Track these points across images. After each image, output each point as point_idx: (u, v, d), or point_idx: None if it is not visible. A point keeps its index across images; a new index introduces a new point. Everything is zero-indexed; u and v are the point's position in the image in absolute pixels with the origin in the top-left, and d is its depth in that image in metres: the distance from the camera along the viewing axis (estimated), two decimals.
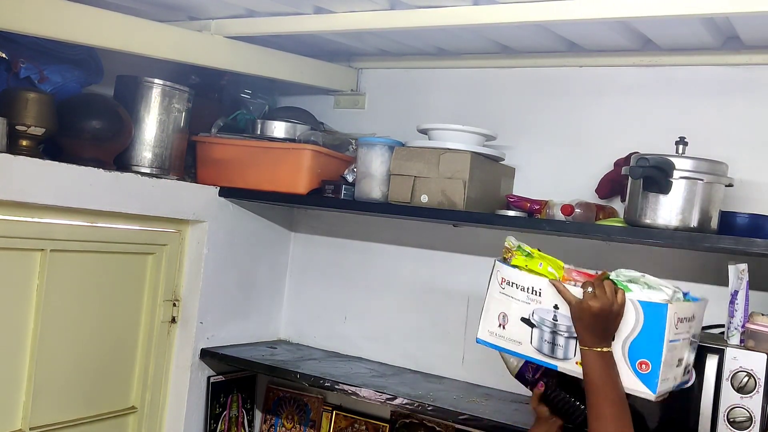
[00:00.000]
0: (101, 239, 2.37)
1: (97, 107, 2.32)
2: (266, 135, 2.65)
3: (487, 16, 2.08)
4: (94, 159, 2.27)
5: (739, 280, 1.92)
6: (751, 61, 2.23)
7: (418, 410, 2.28)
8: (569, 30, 2.31)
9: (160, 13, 2.44)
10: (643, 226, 1.99)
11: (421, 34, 2.53)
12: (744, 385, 1.83)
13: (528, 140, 2.57)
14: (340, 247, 2.94)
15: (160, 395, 2.63)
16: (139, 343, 2.55)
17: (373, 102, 2.94)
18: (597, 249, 2.41)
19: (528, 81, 2.60)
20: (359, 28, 2.32)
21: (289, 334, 3.04)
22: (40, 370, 2.22)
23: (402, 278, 2.79)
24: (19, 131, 2.09)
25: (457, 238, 2.67)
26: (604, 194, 2.37)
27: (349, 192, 2.49)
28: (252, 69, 2.61)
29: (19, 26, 2.03)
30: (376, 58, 2.89)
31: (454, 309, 2.66)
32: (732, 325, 1.92)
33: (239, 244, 2.79)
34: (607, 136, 2.43)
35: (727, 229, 2.00)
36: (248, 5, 2.33)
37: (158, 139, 2.49)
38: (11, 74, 2.24)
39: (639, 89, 2.40)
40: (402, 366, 2.75)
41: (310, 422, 2.87)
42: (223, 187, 2.66)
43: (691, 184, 1.95)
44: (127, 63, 2.47)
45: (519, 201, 2.34)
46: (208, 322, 2.69)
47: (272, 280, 2.98)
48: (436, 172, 2.30)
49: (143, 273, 2.54)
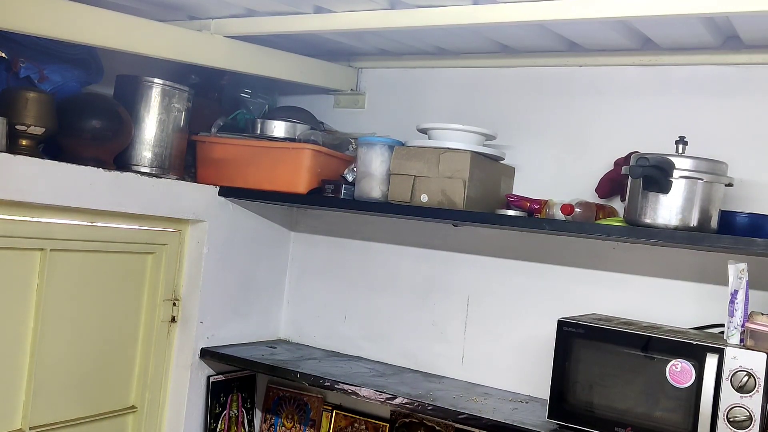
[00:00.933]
0: (101, 239, 2.37)
1: (97, 107, 2.32)
2: (266, 134, 2.65)
3: (487, 16, 2.08)
4: (94, 158, 2.27)
5: (738, 279, 1.92)
6: (750, 61, 2.23)
7: (417, 410, 2.28)
8: (569, 30, 2.31)
9: (159, 12, 2.44)
10: (643, 226, 2.00)
11: (421, 34, 2.53)
12: (744, 385, 1.83)
13: (528, 140, 2.57)
14: (340, 246, 2.94)
15: (160, 395, 2.63)
16: (138, 343, 2.55)
17: (373, 101, 2.94)
18: (597, 249, 2.41)
19: (528, 81, 2.60)
20: (359, 28, 2.32)
21: (289, 333, 3.04)
22: (39, 369, 2.22)
23: (402, 278, 2.79)
24: (18, 131, 2.09)
25: (457, 237, 2.67)
26: (604, 194, 2.37)
27: (349, 191, 2.49)
28: (252, 68, 2.61)
29: (19, 26, 2.03)
30: (375, 58, 2.89)
31: (453, 308, 2.67)
32: (732, 324, 1.92)
33: (239, 243, 2.79)
34: (607, 135, 2.43)
35: (727, 229, 2.00)
36: (248, 5, 2.33)
37: (158, 138, 2.49)
38: (11, 74, 2.24)
39: (639, 89, 2.40)
40: (402, 365, 2.75)
41: (310, 422, 2.87)
42: (223, 187, 2.66)
43: (691, 184, 1.95)
44: (127, 63, 2.47)
45: (519, 200, 2.34)
46: (207, 321, 2.69)
47: (272, 280, 2.98)
48: (435, 171, 2.30)
49: (143, 273, 2.54)
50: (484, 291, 2.62)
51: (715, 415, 1.86)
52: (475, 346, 2.62)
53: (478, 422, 2.18)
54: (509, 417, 2.18)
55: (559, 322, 2.10)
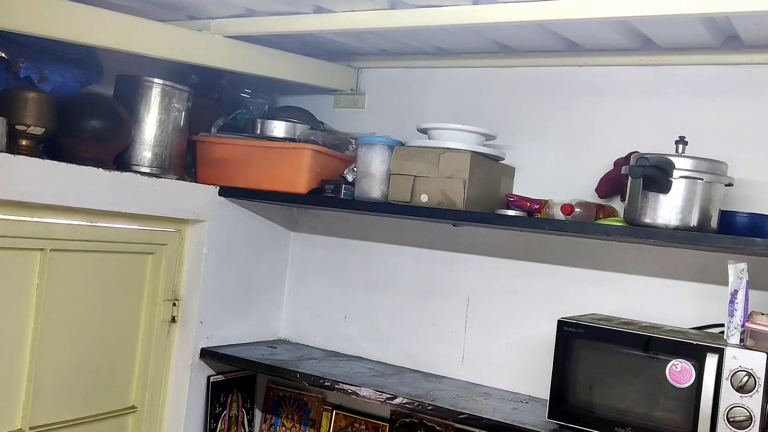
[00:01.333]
0: (101, 239, 2.37)
1: (96, 107, 2.32)
2: (266, 134, 2.65)
3: (487, 16, 2.08)
4: (93, 158, 2.27)
5: (738, 279, 1.92)
6: (751, 61, 2.23)
7: (417, 410, 2.28)
8: (569, 29, 2.31)
9: (159, 12, 2.44)
10: (643, 226, 2.00)
11: (421, 34, 2.53)
12: (744, 385, 1.83)
13: (528, 140, 2.57)
14: (340, 246, 2.94)
15: (160, 395, 2.63)
16: (138, 343, 2.55)
17: (372, 101, 2.93)
18: (597, 249, 2.41)
19: (528, 80, 2.60)
20: (359, 28, 2.32)
21: (289, 333, 3.04)
22: (39, 369, 2.22)
23: (402, 278, 2.79)
24: (18, 131, 2.09)
25: (457, 237, 2.67)
26: (603, 193, 2.37)
27: (349, 191, 2.49)
28: (252, 68, 2.61)
29: (19, 26, 2.03)
30: (375, 58, 2.89)
31: (453, 308, 2.67)
32: (732, 324, 1.92)
33: (239, 243, 2.79)
34: (607, 135, 2.43)
35: (727, 229, 2.00)
36: (248, 4, 2.33)
37: (158, 138, 2.49)
38: (11, 74, 2.24)
39: (639, 89, 2.40)
40: (402, 365, 2.75)
41: (310, 422, 2.87)
42: (223, 187, 2.66)
43: (691, 184, 1.95)
44: (127, 62, 2.47)
45: (519, 200, 2.34)
46: (207, 321, 2.69)
47: (272, 280, 2.98)
48: (435, 171, 2.30)
49: (143, 273, 2.54)
50: (484, 291, 2.62)
51: (715, 415, 1.86)
52: (475, 346, 2.62)
53: (478, 422, 2.18)
54: (509, 417, 2.18)
55: (559, 322, 2.10)
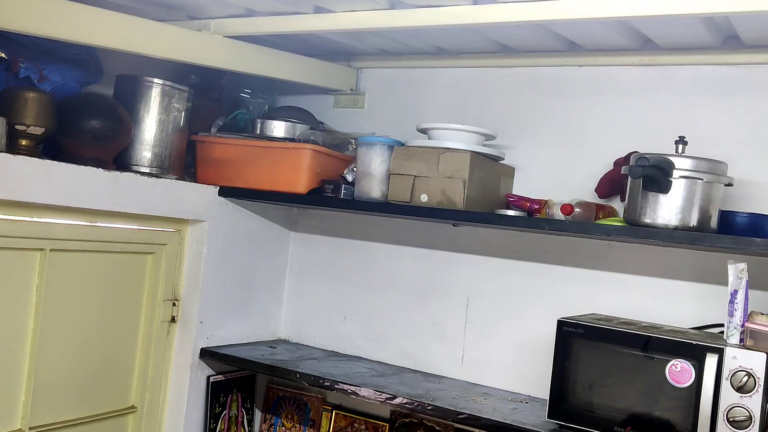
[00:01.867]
0: (101, 239, 2.37)
1: (96, 107, 2.32)
2: (266, 134, 2.65)
3: (486, 16, 2.08)
4: (93, 159, 2.27)
5: (738, 279, 1.92)
6: (750, 61, 2.23)
7: (417, 410, 2.28)
8: (569, 29, 2.31)
9: (159, 12, 2.44)
10: (643, 226, 2.00)
11: (421, 34, 2.53)
12: (743, 385, 1.83)
13: (528, 140, 2.57)
14: (339, 246, 2.94)
15: (160, 395, 2.63)
16: (138, 343, 2.55)
17: (372, 101, 2.93)
18: (597, 249, 2.41)
19: (528, 80, 2.60)
20: (359, 28, 2.32)
21: (289, 333, 3.04)
22: (39, 369, 2.22)
23: (401, 278, 2.79)
24: (18, 131, 2.09)
25: (457, 237, 2.67)
26: (603, 193, 2.37)
27: (348, 191, 2.49)
28: (252, 68, 2.61)
29: (19, 26, 2.03)
30: (375, 58, 2.89)
31: (453, 308, 2.67)
32: (731, 324, 1.92)
33: (239, 243, 2.79)
34: (607, 135, 2.43)
35: (727, 229, 2.00)
36: (248, 5, 2.33)
37: (158, 138, 2.49)
38: (11, 74, 2.23)
39: (639, 89, 2.40)
40: (401, 365, 2.75)
41: (309, 422, 2.87)
42: (223, 187, 2.66)
43: (691, 184, 1.95)
44: (126, 63, 2.46)
45: (519, 200, 2.34)
46: (207, 321, 2.69)
47: (272, 280, 2.98)
48: (435, 171, 2.30)
49: (143, 273, 2.54)
50: (483, 291, 2.62)
51: (715, 415, 1.86)
52: (475, 346, 2.62)
53: (477, 422, 2.18)
54: (509, 417, 2.18)
55: (559, 322, 2.10)
